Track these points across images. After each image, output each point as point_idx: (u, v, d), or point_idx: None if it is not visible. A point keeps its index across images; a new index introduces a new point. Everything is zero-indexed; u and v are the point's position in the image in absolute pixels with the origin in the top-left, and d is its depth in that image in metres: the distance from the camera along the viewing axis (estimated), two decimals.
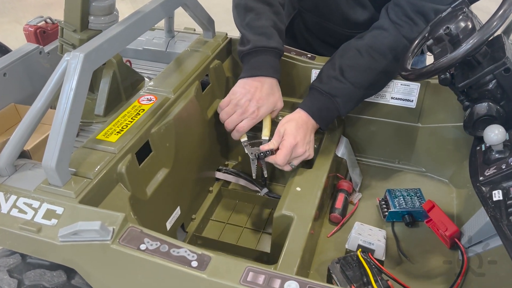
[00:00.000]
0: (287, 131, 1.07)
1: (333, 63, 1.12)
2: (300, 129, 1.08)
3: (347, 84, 1.09)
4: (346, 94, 1.10)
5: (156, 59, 1.37)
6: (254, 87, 1.10)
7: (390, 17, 1.08)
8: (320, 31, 1.36)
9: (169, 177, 1.04)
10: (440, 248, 1.09)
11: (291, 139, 1.05)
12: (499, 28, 0.82)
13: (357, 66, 1.09)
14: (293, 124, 1.08)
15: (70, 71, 0.79)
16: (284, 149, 1.05)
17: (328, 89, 1.10)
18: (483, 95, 0.91)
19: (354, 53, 1.10)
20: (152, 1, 1.00)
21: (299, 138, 1.06)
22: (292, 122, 1.08)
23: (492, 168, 0.85)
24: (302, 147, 1.07)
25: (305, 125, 1.09)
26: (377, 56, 1.08)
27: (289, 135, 1.06)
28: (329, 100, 1.10)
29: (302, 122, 1.09)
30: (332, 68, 1.12)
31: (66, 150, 0.79)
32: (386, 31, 1.08)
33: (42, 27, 1.19)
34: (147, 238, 0.73)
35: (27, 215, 0.77)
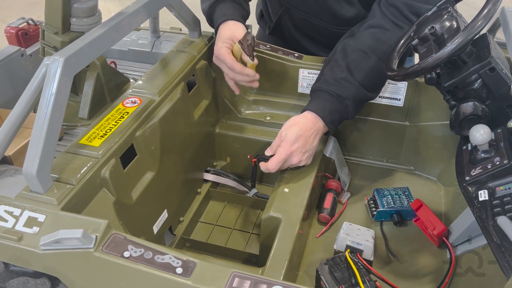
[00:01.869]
0: (287, 137, 1.02)
1: (338, 65, 1.08)
2: (302, 136, 1.02)
3: (358, 85, 1.05)
4: (356, 96, 1.05)
5: (141, 60, 1.35)
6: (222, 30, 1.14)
7: (389, 18, 1.06)
8: (307, 28, 1.35)
9: (155, 180, 1.03)
10: (428, 247, 1.10)
11: (287, 147, 1.01)
12: (484, 28, 0.82)
13: (366, 67, 1.05)
14: (296, 130, 1.02)
15: (50, 75, 0.78)
16: (277, 157, 1.01)
17: (339, 91, 1.04)
18: (468, 95, 0.91)
19: (360, 54, 1.06)
20: (135, 2, 0.99)
21: (296, 146, 1.02)
22: (295, 128, 1.02)
23: (478, 168, 0.85)
24: (297, 156, 1.03)
25: (309, 130, 1.03)
26: (383, 57, 1.05)
27: (286, 142, 1.02)
28: (340, 102, 1.05)
29: (306, 128, 1.03)
30: (338, 69, 1.07)
31: (47, 156, 0.77)
32: (388, 31, 1.06)
33: (24, 29, 1.16)
34: (131, 245, 0.72)
35: (8, 223, 0.75)
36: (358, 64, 1.06)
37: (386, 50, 1.05)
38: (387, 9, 1.07)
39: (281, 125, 1.27)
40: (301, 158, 1.04)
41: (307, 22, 1.33)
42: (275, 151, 1.04)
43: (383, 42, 1.06)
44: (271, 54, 1.29)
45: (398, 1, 1.05)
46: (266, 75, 1.32)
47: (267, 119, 1.31)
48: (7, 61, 1.08)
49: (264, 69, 1.31)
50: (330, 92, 1.05)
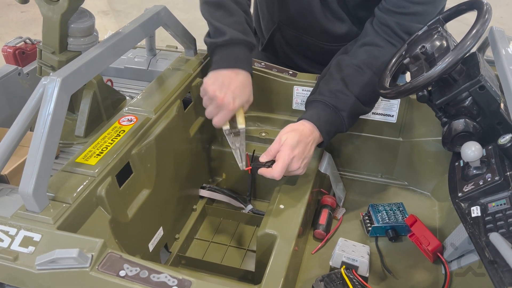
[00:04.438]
0: (287, 142, 1.00)
1: (333, 78, 1.09)
2: (301, 142, 1.02)
3: (353, 98, 1.06)
4: (351, 108, 1.07)
5: (138, 78, 1.36)
6: (229, 78, 1.05)
7: (382, 36, 1.08)
8: (299, 45, 1.38)
9: (151, 197, 1.03)
10: (423, 263, 1.10)
11: (289, 152, 0.99)
12: (473, 47, 0.84)
13: (361, 81, 1.07)
14: (296, 136, 1.01)
15: (47, 95, 0.78)
16: (281, 161, 0.99)
17: (335, 103, 1.05)
18: (460, 112, 0.93)
19: (355, 69, 1.08)
20: (131, 22, 1.00)
21: (297, 151, 1.00)
22: (295, 133, 1.01)
23: (470, 184, 0.86)
24: (297, 162, 1.01)
25: (307, 138, 1.03)
26: (378, 72, 1.07)
27: (287, 146, 1.00)
28: (335, 113, 1.06)
29: (305, 135, 1.02)
30: (333, 82, 1.08)
31: (43, 175, 0.78)
32: (382, 48, 1.08)
33: (21, 47, 1.18)
34: (126, 264, 0.72)
35: (3, 243, 0.76)
36: (353, 77, 1.07)
37: (380, 66, 1.07)
38: (380, 28, 1.10)
39: None
40: (300, 165, 1.03)
41: (299, 39, 1.35)
42: (272, 156, 1.02)
43: (377, 58, 1.08)
44: (266, 72, 1.31)
45: (390, 20, 1.07)
46: (261, 92, 1.34)
47: (263, 135, 1.33)
48: (4, 80, 1.09)
49: (259, 86, 1.33)
50: (326, 103, 1.06)
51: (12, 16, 3.32)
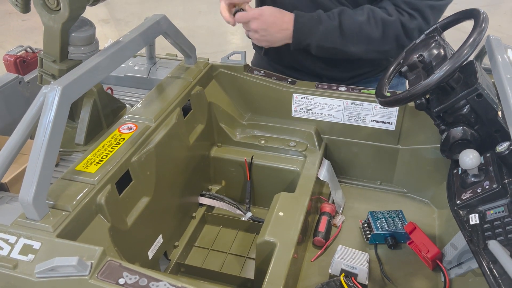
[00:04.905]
0: (265, 8, 1.19)
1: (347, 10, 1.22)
2: (274, 17, 1.19)
3: (337, 21, 1.18)
4: (329, 28, 1.19)
5: (138, 86, 1.37)
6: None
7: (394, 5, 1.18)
8: None
9: (150, 205, 1.03)
10: (422, 270, 1.10)
11: (258, 13, 1.18)
12: (470, 56, 0.85)
13: (354, 17, 1.19)
14: (275, 11, 1.20)
15: (47, 104, 0.79)
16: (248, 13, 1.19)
17: (319, 14, 1.20)
18: (458, 120, 0.94)
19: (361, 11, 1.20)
20: (132, 31, 1.01)
21: (264, 18, 1.18)
22: (277, 10, 1.20)
23: (468, 191, 0.86)
24: (257, 24, 1.18)
25: (282, 23, 1.20)
26: (372, 21, 1.17)
27: (263, 9, 1.19)
28: (316, 23, 1.20)
29: (281, 17, 1.19)
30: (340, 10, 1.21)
31: (43, 183, 0.78)
32: (387, 11, 1.18)
33: (22, 56, 1.18)
34: (126, 271, 0.73)
35: (3, 251, 0.76)
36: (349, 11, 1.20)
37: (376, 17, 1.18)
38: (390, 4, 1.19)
39: (275, 148, 1.31)
40: (258, 30, 1.19)
41: None
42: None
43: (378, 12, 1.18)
44: (265, 80, 1.32)
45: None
46: (260, 99, 1.35)
47: (262, 142, 1.33)
48: (5, 88, 1.10)
49: (258, 94, 1.34)
50: (318, 12, 1.21)
51: (13, 24, 3.35)
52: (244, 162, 1.30)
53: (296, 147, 1.30)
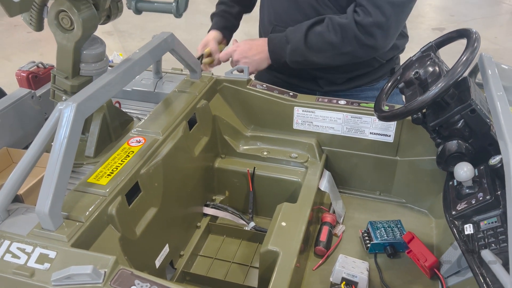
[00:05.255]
0: (240, 42, 1.42)
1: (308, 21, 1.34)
2: (248, 45, 1.39)
3: (302, 37, 1.31)
4: (296, 44, 1.32)
5: (144, 99, 1.42)
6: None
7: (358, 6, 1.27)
8: None
9: (158, 215, 1.07)
10: (421, 278, 1.13)
11: (235, 46, 1.40)
12: (463, 73, 0.89)
13: (315, 29, 1.31)
14: (249, 40, 1.40)
15: (63, 120, 0.83)
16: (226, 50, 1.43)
17: (286, 33, 1.35)
18: (453, 133, 0.98)
19: (321, 22, 1.31)
20: (141, 49, 1.06)
21: (241, 48, 1.38)
22: (249, 40, 1.41)
23: (463, 203, 0.90)
24: (238, 55, 1.39)
25: (257, 47, 1.39)
26: (330, 28, 1.28)
27: (237, 43, 1.41)
28: (285, 42, 1.34)
29: (255, 43, 1.40)
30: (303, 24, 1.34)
31: (59, 195, 0.82)
32: (345, 15, 1.28)
33: (34, 72, 1.23)
34: (137, 279, 0.76)
35: (20, 260, 0.79)
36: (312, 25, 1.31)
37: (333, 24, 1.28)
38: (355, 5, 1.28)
39: (278, 159, 1.36)
40: (240, 60, 1.39)
41: None
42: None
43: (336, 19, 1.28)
44: (267, 93, 1.36)
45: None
46: (263, 112, 1.39)
47: (264, 154, 1.37)
48: (18, 103, 1.14)
49: (261, 107, 1.39)
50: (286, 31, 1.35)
51: (18, 37, 3.40)
52: (247, 173, 1.34)
53: (297, 159, 1.34)
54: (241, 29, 1.69)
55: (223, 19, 1.61)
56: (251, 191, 1.35)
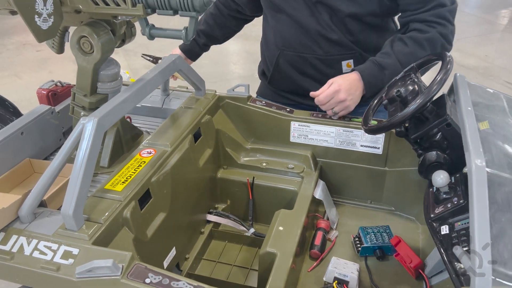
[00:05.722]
0: (336, 79, 1.35)
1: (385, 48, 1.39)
2: (347, 81, 1.34)
3: (395, 61, 1.34)
4: (393, 68, 1.34)
5: (153, 115, 1.53)
6: None
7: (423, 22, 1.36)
8: (300, 63, 1.56)
9: (166, 220, 1.18)
10: (407, 279, 1.23)
11: (336, 84, 1.32)
12: (438, 91, 1.01)
13: (404, 49, 1.35)
14: (342, 77, 1.35)
15: (85, 133, 0.95)
16: (328, 89, 1.33)
17: (380, 61, 1.36)
18: (432, 145, 1.09)
19: (401, 42, 1.37)
20: (152, 70, 1.18)
21: (344, 86, 1.32)
22: (342, 77, 1.36)
23: (440, 206, 1.01)
24: (344, 94, 1.32)
25: (355, 83, 1.35)
26: (417, 45, 1.34)
27: (336, 81, 1.34)
28: (379, 70, 1.35)
29: (351, 79, 1.35)
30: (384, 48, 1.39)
31: (81, 199, 0.93)
32: (421, 31, 1.35)
33: (53, 90, 1.35)
34: (151, 273, 0.87)
35: (47, 256, 0.90)
36: (398, 47, 1.36)
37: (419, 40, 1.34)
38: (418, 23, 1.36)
39: (276, 170, 1.46)
40: (347, 97, 1.33)
41: (299, 57, 1.54)
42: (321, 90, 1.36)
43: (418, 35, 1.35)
44: (266, 109, 1.48)
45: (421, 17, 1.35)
46: (262, 127, 1.51)
47: (263, 165, 1.48)
48: (40, 118, 1.26)
49: (260, 122, 1.50)
50: (374, 61, 1.37)
51: (28, 55, 3.54)
52: (247, 183, 1.45)
53: (294, 169, 1.45)
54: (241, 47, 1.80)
55: (189, 45, 1.74)
56: (251, 199, 1.45)
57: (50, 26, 1.03)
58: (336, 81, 1.34)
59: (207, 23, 1.73)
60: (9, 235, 0.94)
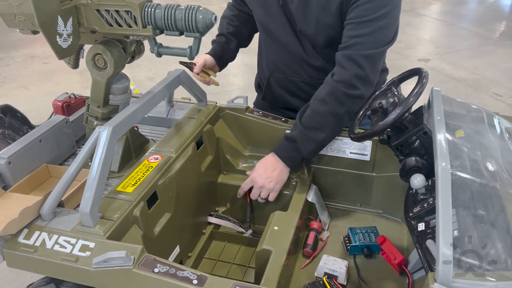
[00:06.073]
0: (254, 169, 1.46)
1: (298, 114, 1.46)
2: (262, 167, 1.43)
3: (301, 128, 1.40)
4: (301, 137, 1.40)
5: (158, 124, 1.65)
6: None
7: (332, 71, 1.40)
8: (288, 84, 1.68)
9: (171, 220, 1.29)
10: (392, 275, 1.34)
11: (253, 173, 1.45)
12: (414, 103, 1.13)
13: (309, 113, 1.40)
14: (259, 163, 1.46)
15: (101, 140, 1.07)
16: (243, 185, 1.47)
17: (289, 135, 1.43)
18: (411, 151, 1.21)
19: (307, 108, 1.43)
20: (158, 84, 1.31)
21: (259, 172, 1.43)
22: (261, 163, 1.46)
23: (418, 206, 1.13)
24: (261, 180, 1.42)
25: (271, 164, 1.43)
26: (318, 103, 1.38)
27: (254, 170, 1.46)
28: (291, 144, 1.42)
29: (268, 162, 1.44)
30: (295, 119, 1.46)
31: (97, 199, 1.05)
32: (325, 83, 1.40)
33: (67, 101, 1.47)
34: (159, 263, 0.98)
35: (66, 249, 1.01)
36: (305, 114, 1.41)
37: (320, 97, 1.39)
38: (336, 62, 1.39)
39: None
40: (264, 183, 1.42)
41: (287, 80, 1.66)
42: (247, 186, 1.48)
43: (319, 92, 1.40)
44: (263, 119, 1.61)
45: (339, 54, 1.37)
46: (259, 135, 1.63)
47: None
48: (56, 127, 1.38)
49: (257, 131, 1.62)
50: (285, 136, 1.45)
51: (35, 67, 3.68)
52: None
53: None
54: (240, 61, 1.90)
55: (221, 50, 1.70)
56: (248, 202, 1.56)
57: (69, 45, 1.16)
58: (253, 171, 1.44)
59: (233, 25, 1.72)
60: (32, 231, 1.06)
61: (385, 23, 1.32)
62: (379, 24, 1.31)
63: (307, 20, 1.43)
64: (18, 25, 1.14)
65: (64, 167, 1.36)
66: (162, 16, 1.11)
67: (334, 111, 1.37)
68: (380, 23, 1.31)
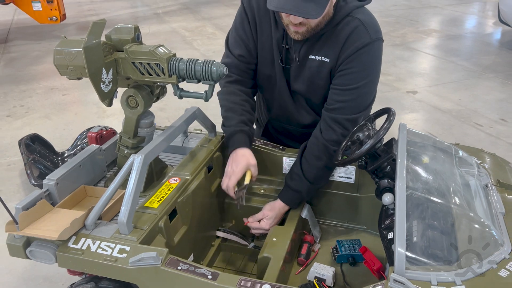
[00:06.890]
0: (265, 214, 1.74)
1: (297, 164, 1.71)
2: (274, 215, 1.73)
3: (305, 181, 1.68)
4: (306, 189, 1.70)
5: (175, 152, 1.94)
6: (232, 157, 1.68)
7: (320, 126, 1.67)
8: (285, 131, 1.98)
9: (187, 232, 1.56)
10: (372, 280, 1.58)
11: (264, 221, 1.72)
12: (384, 136, 1.41)
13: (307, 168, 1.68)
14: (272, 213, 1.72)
15: (135, 165, 1.35)
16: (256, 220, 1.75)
17: (296, 187, 1.70)
18: (384, 175, 1.48)
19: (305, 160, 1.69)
20: (178, 119, 1.60)
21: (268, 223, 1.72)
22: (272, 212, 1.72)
23: (388, 219, 1.39)
24: (267, 226, 1.72)
25: (280, 214, 1.73)
26: (314, 158, 1.66)
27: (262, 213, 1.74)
28: (297, 194, 1.71)
29: (279, 213, 1.73)
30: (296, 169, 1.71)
31: (131, 212, 1.32)
32: (316, 139, 1.67)
33: (99, 133, 1.77)
34: (181, 263, 1.25)
35: (107, 252, 1.28)
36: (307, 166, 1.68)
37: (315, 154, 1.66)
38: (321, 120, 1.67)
39: (271, 196, 1.85)
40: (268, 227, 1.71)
41: (283, 128, 1.96)
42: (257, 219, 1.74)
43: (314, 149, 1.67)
44: (263, 147, 1.89)
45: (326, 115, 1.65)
46: (260, 161, 1.90)
47: (261, 191, 1.87)
48: (92, 154, 1.66)
49: (258, 157, 1.90)
50: (292, 188, 1.71)
51: (55, 99, 3.99)
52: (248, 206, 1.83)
53: None
54: None
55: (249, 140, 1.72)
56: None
57: (109, 89, 1.46)
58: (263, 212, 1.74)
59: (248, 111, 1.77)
60: (79, 238, 1.33)
61: (365, 91, 1.60)
62: (361, 92, 1.59)
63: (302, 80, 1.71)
64: (68, 73, 1.45)
65: (98, 188, 1.63)
66: (184, 68, 1.41)
67: (328, 164, 1.67)
68: (362, 91, 1.59)
